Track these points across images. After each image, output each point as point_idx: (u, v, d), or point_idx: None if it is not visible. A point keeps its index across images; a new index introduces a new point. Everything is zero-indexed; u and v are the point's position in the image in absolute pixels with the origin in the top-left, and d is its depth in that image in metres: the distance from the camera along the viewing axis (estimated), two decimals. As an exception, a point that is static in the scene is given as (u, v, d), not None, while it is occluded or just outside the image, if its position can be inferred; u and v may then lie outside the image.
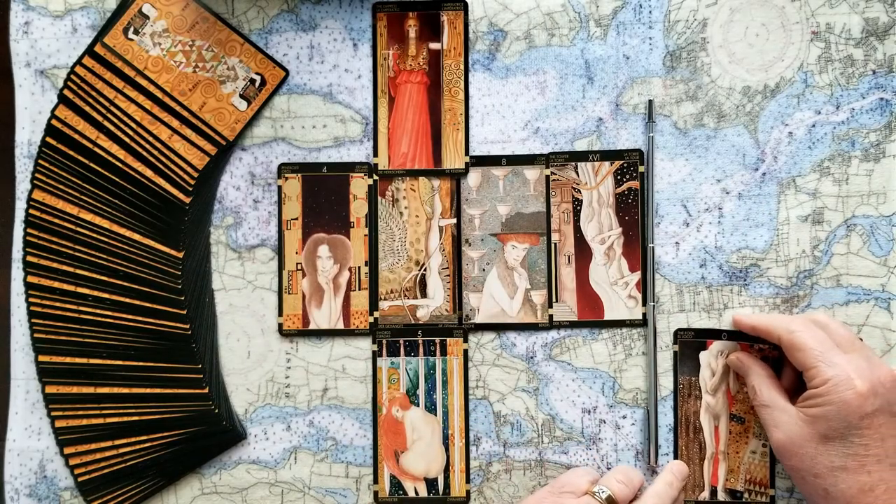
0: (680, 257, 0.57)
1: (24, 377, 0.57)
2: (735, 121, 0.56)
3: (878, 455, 0.46)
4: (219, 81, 0.57)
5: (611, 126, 0.57)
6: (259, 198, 0.58)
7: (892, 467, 0.46)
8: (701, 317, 0.56)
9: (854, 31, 0.56)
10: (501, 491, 0.57)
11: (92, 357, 0.56)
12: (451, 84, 0.57)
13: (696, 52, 0.56)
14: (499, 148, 0.57)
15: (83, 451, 0.56)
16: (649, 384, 0.56)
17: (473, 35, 0.57)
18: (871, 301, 0.56)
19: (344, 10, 0.58)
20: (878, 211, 0.56)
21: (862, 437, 0.46)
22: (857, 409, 0.46)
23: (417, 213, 0.57)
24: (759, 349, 0.56)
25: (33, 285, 0.57)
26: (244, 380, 0.57)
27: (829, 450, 0.47)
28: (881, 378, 0.47)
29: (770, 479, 0.56)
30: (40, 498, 0.57)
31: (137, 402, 0.56)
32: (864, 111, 0.56)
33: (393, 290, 0.57)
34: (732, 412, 0.56)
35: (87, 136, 0.57)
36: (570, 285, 0.57)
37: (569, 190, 0.57)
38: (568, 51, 0.57)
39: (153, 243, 0.57)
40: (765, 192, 0.56)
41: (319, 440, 0.57)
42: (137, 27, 0.57)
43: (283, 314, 0.57)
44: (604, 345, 0.57)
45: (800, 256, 0.56)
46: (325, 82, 0.58)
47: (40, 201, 0.57)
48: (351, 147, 0.58)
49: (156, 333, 0.57)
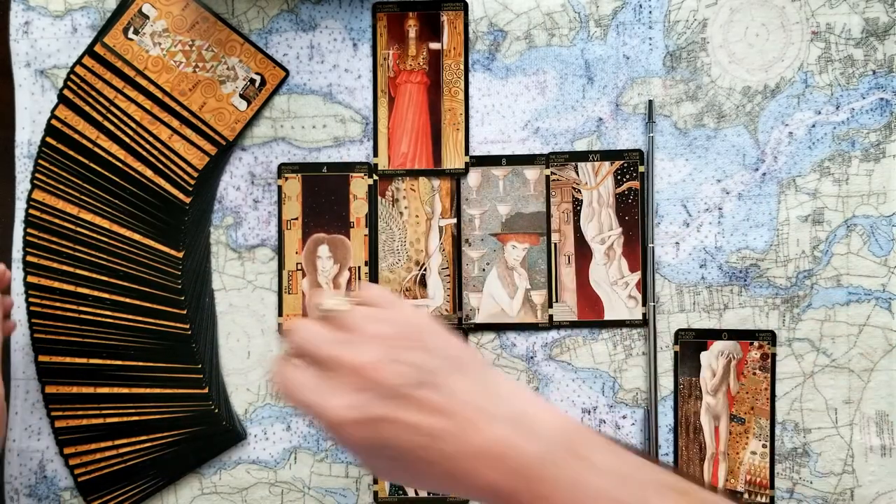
0: (680, 257, 0.56)
1: (24, 377, 0.57)
2: (735, 121, 0.56)
3: None
4: (219, 81, 0.57)
5: (611, 126, 0.57)
6: (259, 198, 0.58)
7: None
8: (701, 317, 0.56)
9: (854, 31, 0.56)
10: (501, 491, 0.57)
11: (92, 357, 0.56)
12: (451, 84, 0.57)
13: (696, 53, 0.56)
14: (499, 148, 0.57)
15: (83, 451, 0.56)
16: (649, 384, 0.56)
17: (473, 35, 0.57)
18: (872, 301, 0.55)
19: (344, 10, 0.58)
20: (879, 211, 0.56)
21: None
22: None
23: (417, 213, 0.57)
24: (759, 346, 0.56)
25: (33, 285, 0.57)
26: (244, 380, 0.57)
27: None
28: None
29: (770, 480, 0.55)
30: (40, 498, 0.57)
31: (137, 402, 0.56)
32: (864, 111, 0.56)
33: (393, 289, 0.57)
34: (732, 413, 0.56)
35: (87, 136, 0.57)
36: (570, 285, 0.57)
37: (569, 190, 0.57)
38: (568, 51, 0.57)
39: (153, 243, 0.57)
40: (765, 192, 0.56)
41: (319, 440, 0.57)
42: (137, 27, 0.57)
43: (283, 314, 0.57)
44: (604, 345, 0.57)
45: (800, 256, 0.56)
46: (325, 82, 0.58)
47: (40, 201, 0.57)
48: (351, 147, 0.58)
49: (156, 333, 0.57)
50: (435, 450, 0.35)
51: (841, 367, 0.56)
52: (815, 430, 0.56)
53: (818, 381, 0.56)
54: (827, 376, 0.56)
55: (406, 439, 0.35)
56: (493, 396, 0.36)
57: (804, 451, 0.56)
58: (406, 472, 0.37)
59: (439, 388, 0.36)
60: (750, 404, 0.56)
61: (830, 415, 0.56)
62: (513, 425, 0.35)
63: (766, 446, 0.55)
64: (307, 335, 0.39)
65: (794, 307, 0.56)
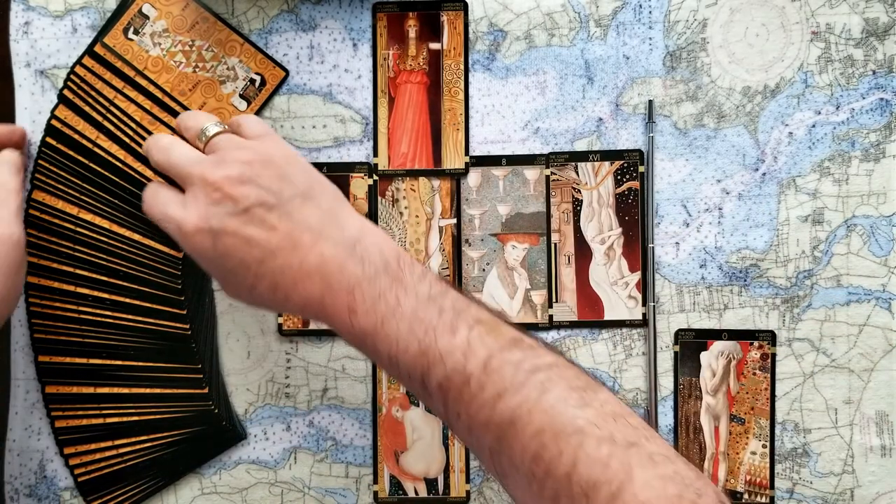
0: (680, 257, 0.56)
1: (24, 377, 0.57)
2: (735, 121, 0.56)
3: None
4: (219, 81, 0.57)
5: (611, 126, 0.57)
6: (259, 198, 0.58)
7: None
8: (701, 317, 0.56)
9: (854, 32, 0.56)
10: (501, 491, 0.57)
11: (92, 357, 0.56)
12: (451, 84, 0.57)
13: (696, 53, 0.56)
14: (499, 148, 0.57)
15: (83, 451, 0.56)
16: (649, 384, 0.56)
17: (473, 35, 0.57)
18: (872, 301, 0.55)
19: (344, 10, 0.58)
20: (879, 211, 0.56)
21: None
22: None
23: (417, 214, 0.57)
24: (759, 346, 0.56)
25: (33, 285, 0.57)
26: (244, 380, 0.57)
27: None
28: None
29: (770, 480, 0.55)
30: (40, 498, 0.57)
31: (137, 402, 0.56)
32: (864, 111, 0.56)
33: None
34: (732, 413, 0.56)
35: (87, 136, 0.57)
36: (570, 285, 0.57)
37: (569, 190, 0.57)
38: (568, 51, 0.57)
39: (153, 243, 0.57)
40: (765, 192, 0.56)
41: (319, 440, 0.57)
42: (137, 27, 0.57)
43: (283, 314, 0.57)
44: (604, 345, 0.57)
45: (800, 257, 0.56)
46: (325, 82, 0.58)
47: (40, 201, 0.57)
48: (351, 147, 0.58)
49: (156, 333, 0.57)
50: (267, 265, 0.38)
51: (841, 368, 0.56)
52: (815, 430, 0.56)
53: (818, 382, 0.56)
54: (827, 376, 0.56)
55: (244, 251, 0.39)
56: (333, 223, 0.40)
57: (804, 452, 0.56)
58: (241, 284, 0.40)
59: (282, 210, 0.39)
60: (750, 404, 0.56)
61: (830, 415, 0.56)
62: (345, 248, 0.39)
63: (766, 446, 0.55)
64: (176, 154, 0.42)
65: (794, 307, 0.56)
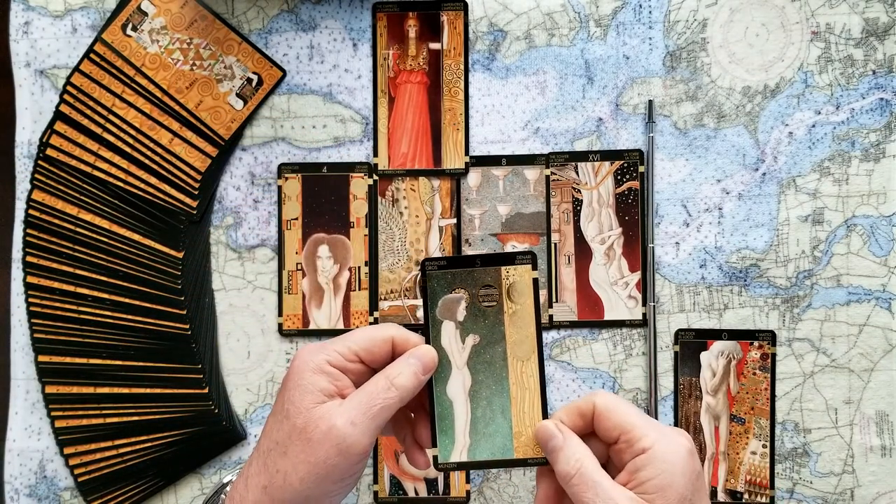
0: (680, 257, 0.56)
1: (24, 377, 0.57)
2: (735, 121, 0.56)
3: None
4: (215, 80, 0.57)
5: (611, 126, 0.57)
6: (259, 198, 0.58)
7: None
8: (701, 317, 0.56)
9: (854, 31, 0.56)
10: (501, 491, 0.57)
11: (92, 357, 0.56)
12: (451, 84, 0.57)
13: (696, 53, 0.56)
14: (499, 148, 0.57)
15: (83, 451, 0.56)
16: (649, 384, 0.56)
17: (473, 35, 0.57)
18: (872, 301, 0.56)
19: (344, 10, 0.57)
20: (878, 211, 0.56)
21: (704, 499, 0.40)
22: (694, 466, 0.39)
23: (417, 213, 0.57)
24: (759, 346, 0.56)
25: (33, 285, 0.57)
26: (244, 380, 0.57)
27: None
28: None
29: (770, 480, 0.56)
30: (40, 498, 0.57)
31: (137, 402, 0.56)
32: (864, 111, 0.56)
33: (393, 290, 0.57)
34: (733, 413, 0.56)
35: (88, 149, 0.56)
36: (570, 285, 0.57)
37: (569, 190, 0.57)
38: (568, 51, 0.57)
39: (153, 243, 0.57)
40: (765, 192, 0.56)
41: (319, 440, 0.57)
42: (136, 24, 0.57)
43: (283, 314, 0.57)
44: (604, 345, 0.57)
45: (800, 257, 0.56)
46: (324, 82, 0.58)
47: (40, 201, 0.57)
48: (351, 147, 0.58)
49: (156, 333, 0.57)
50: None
51: (841, 367, 0.56)
52: (815, 430, 0.56)
53: (818, 381, 0.56)
54: (827, 376, 0.56)
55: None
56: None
57: (804, 452, 0.56)
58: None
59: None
60: (750, 404, 0.56)
61: (830, 415, 0.56)
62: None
63: (766, 446, 0.55)
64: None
65: (794, 307, 0.56)
